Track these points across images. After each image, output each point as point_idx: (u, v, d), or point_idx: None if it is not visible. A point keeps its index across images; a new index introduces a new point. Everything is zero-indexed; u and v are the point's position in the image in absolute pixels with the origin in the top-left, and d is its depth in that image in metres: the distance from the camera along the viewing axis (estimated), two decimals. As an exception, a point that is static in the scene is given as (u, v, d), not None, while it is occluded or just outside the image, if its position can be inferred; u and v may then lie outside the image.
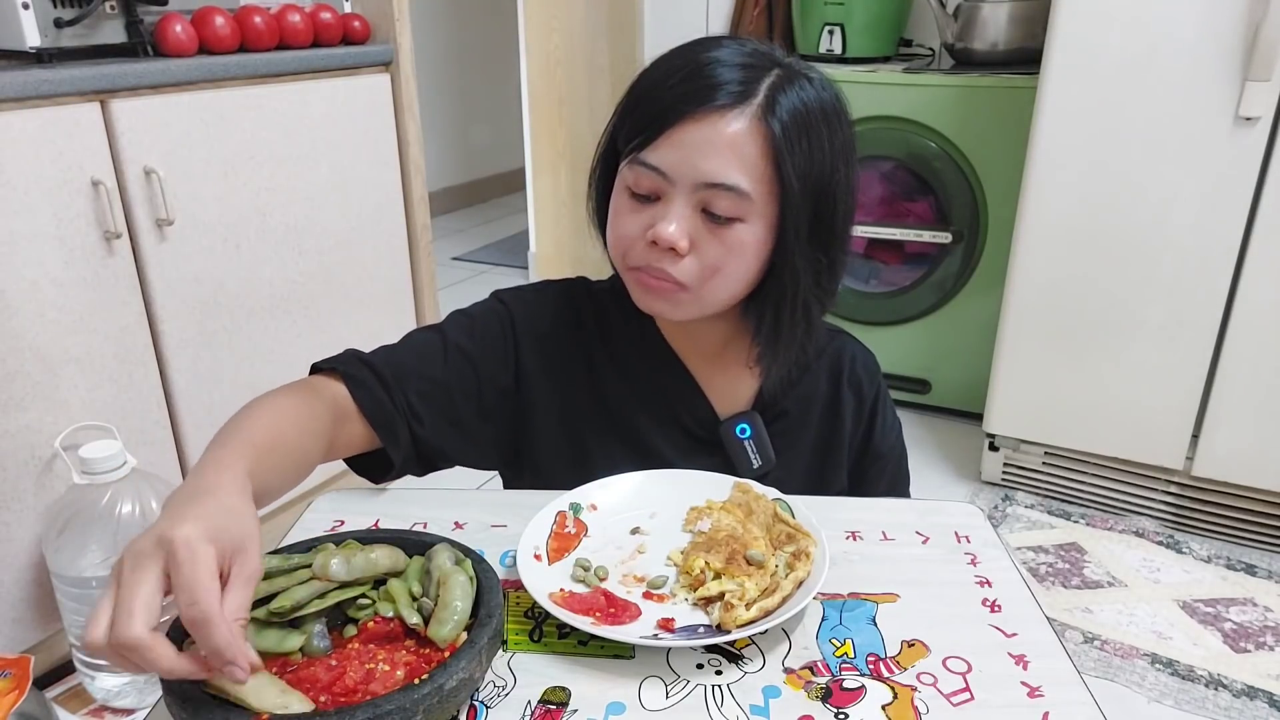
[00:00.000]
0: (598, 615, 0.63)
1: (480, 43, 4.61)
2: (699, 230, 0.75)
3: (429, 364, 0.83)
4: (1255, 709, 1.42)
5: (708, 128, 0.72)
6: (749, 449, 0.87)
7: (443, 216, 4.41)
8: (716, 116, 0.72)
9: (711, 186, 0.73)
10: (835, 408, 0.91)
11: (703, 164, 0.72)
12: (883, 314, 2.38)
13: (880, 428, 0.94)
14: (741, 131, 0.72)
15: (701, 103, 0.72)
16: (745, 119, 0.72)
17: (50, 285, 1.30)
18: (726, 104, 0.72)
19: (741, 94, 0.73)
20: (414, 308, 1.94)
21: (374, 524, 0.78)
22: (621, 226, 0.78)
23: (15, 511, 1.31)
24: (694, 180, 0.73)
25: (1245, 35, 1.56)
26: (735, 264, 0.76)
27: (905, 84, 2.18)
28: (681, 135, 0.73)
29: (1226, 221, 1.66)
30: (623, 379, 0.88)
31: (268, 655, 0.57)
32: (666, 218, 0.74)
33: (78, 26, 1.36)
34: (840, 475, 0.93)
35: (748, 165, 0.73)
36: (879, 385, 0.94)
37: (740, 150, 0.72)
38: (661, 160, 0.73)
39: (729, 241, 0.75)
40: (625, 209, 0.78)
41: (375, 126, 1.76)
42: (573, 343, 0.88)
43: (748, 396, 0.89)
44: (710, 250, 0.75)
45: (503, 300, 0.89)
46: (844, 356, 0.92)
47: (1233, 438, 1.76)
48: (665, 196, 0.75)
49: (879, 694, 0.59)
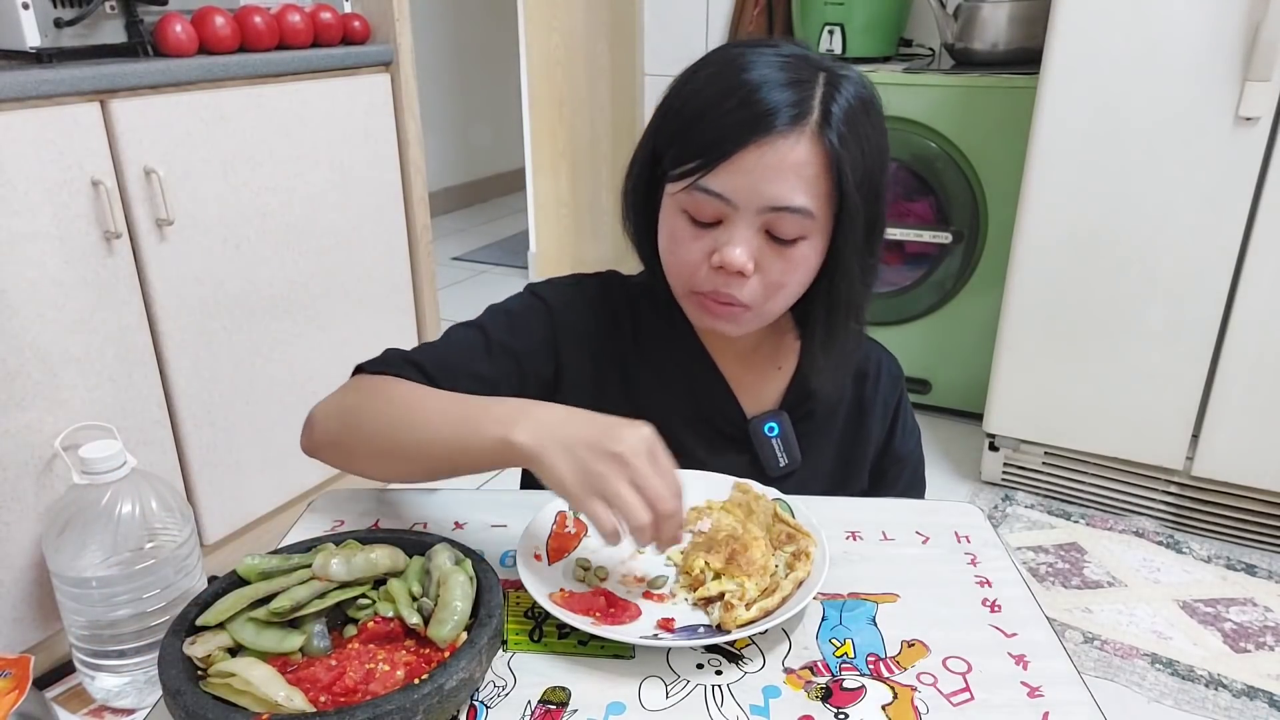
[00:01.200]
0: (598, 615, 0.63)
1: (480, 43, 4.61)
2: (763, 252, 0.75)
3: (474, 360, 0.83)
4: (1255, 709, 1.42)
5: (770, 153, 0.72)
6: (776, 447, 0.88)
7: (443, 216, 4.41)
8: (779, 140, 0.72)
9: (777, 210, 0.73)
10: (860, 410, 0.93)
11: (767, 189, 0.72)
12: (883, 314, 2.38)
13: (901, 432, 0.96)
14: (804, 153, 0.72)
15: (764, 131, 0.72)
16: (805, 139, 0.72)
17: (50, 285, 1.30)
18: (786, 127, 0.72)
19: (798, 115, 0.72)
20: (414, 308, 1.94)
21: (374, 524, 0.78)
22: (684, 253, 0.77)
23: (15, 511, 1.31)
24: (758, 205, 0.73)
25: (1245, 35, 1.56)
26: (796, 280, 0.77)
27: (905, 84, 2.18)
28: (743, 162, 0.72)
29: (1226, 221, 1.66)
30: (654, 376, 0.88)
31: (268, 655, 0.57)
32: (732, 242, 0.74)
33: (78, 26, 1.36)
34: (862, 476, 0.95)
35: (809, 185, 0.73)
36: (901, 390, 0.96)
37: (803, 172, 0.73)
38: (724, 186, 0.73)
39: (793, 259, 0.75)
40: (685, 235, 0.77)
41: (375, 126, 1.76)
42: (609, 339, 0.88)
43: (776, 395, 0.90)
44: (774, 270, 0.76)
45: (540, 295, 0.88)
46: (870, 360, 0.94)
47: (1233, 438, 1.76)
48: (727, 220, 0.75)
49: (879, 694, 0.59)
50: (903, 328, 2.37)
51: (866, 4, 2.34)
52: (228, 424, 1.58)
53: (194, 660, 0.56)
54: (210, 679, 0.54)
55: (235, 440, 1.60)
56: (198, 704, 0.52)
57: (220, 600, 0.60)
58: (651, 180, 0.81)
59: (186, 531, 1.34)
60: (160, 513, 1.31)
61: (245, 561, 0.63)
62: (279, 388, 1.66)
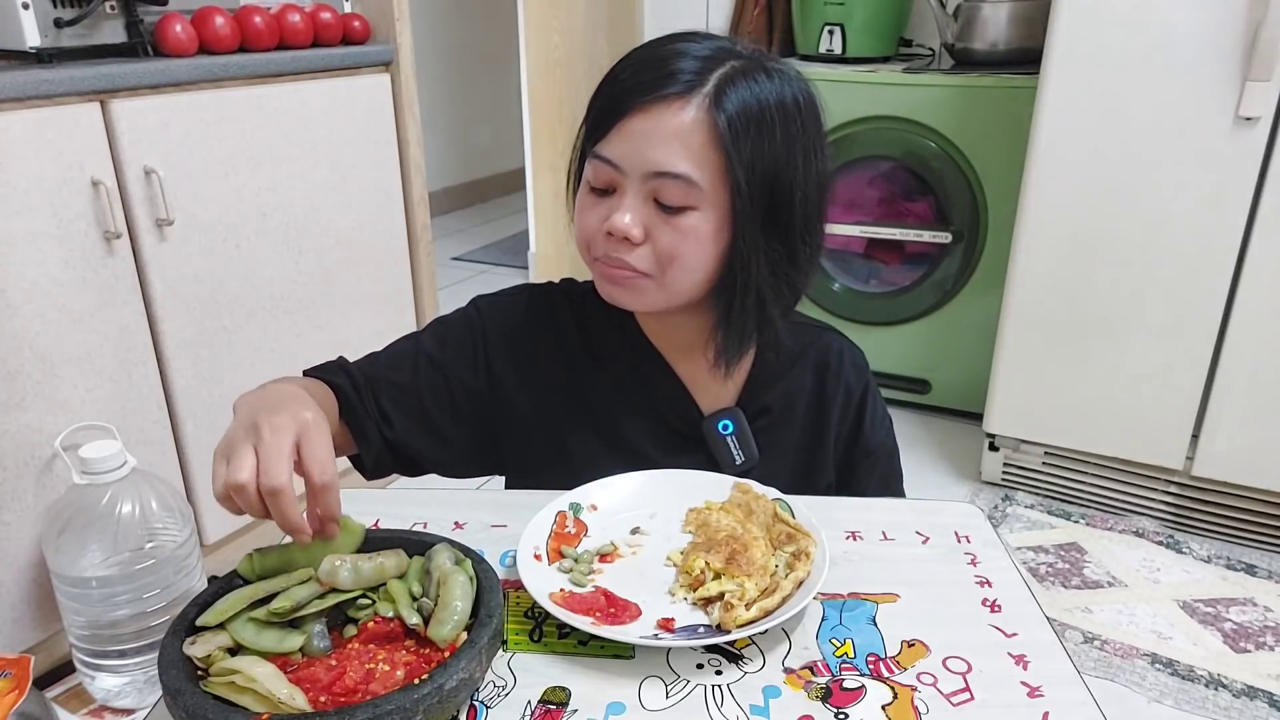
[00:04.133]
0: (598, 615, 0.63)
1: (480, 43, 4.61)
2: (652, 219, 0.76)
3: (399, 370, 0.86)
4: (1255, 709, 1.42)
5: (654, 118, 0.74)
6: (731, 445, 0.88)
7: (443, 216, 4.40)
8: (664, 106, 0.74)
9: (659, 175, 0.74)
10: (821, 404, 0.92)
11: (650, 153, 0.74)
12: (883, 314, 2.38)
13: (869, 423, 0.94)
14: (687, 121, 0.73)
15: (649, 93, 0.74)
16: (692, 109, 0.74)
17: (50, 285, 1.30)
18: (674, 94, 0.74)
19: (690, 85, 0.74)
20: (414, 308, 1.94)
21: (374, 524, 0.78)
22: (582, 221, 0.80)
23: (15, 511, 1.31)
24: (643, 170, 0.74)
25: (1245, 35, 1.56)
26: (691, 252, 0.77)
27: (905, 84, 2.18)
28: (631, 126, 0.74)
29: (1226, 221, 1.66)
30: (604, 376, 0.88)
31: (268, 655, 0.57)
32: (620, 209, 0.76)
33: (78, 26, 1.36)
34: (827, 471, 0.93)
35: (695, 154, 0.74)
36: (867, 380, 0.94)
37: (686, 140, 0.74)
38: (613, 152, 0.75)
39: (682, 229, 0.76)
40: (586, 204, 0.80)
41: (375, 126, 1.76)
42: (546, 343, 0.89)
43: (731, 393, 0.89)
44: (664, 238, 0.76)
45: (477, 306, 0.91)
46: (830, 352, 0.92)
47: (1233, 438, 1.76)
48: (619, 188, 0.77)
49: (879, 694, 0.59)
50: (902, 328, 2.37)
51: (866, 4, 2.34)
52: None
53: (194, 660, 0.56)
54: (212, 678, 0.55)
55: (235, 440, 1.60)
56: (198, 704, 0.52)
57: (220, 600, 0.60)
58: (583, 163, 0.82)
59: (186, 531, 1.34)
60: (160, 513, 1.31)
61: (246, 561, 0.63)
62: (279, 388, 1.66)
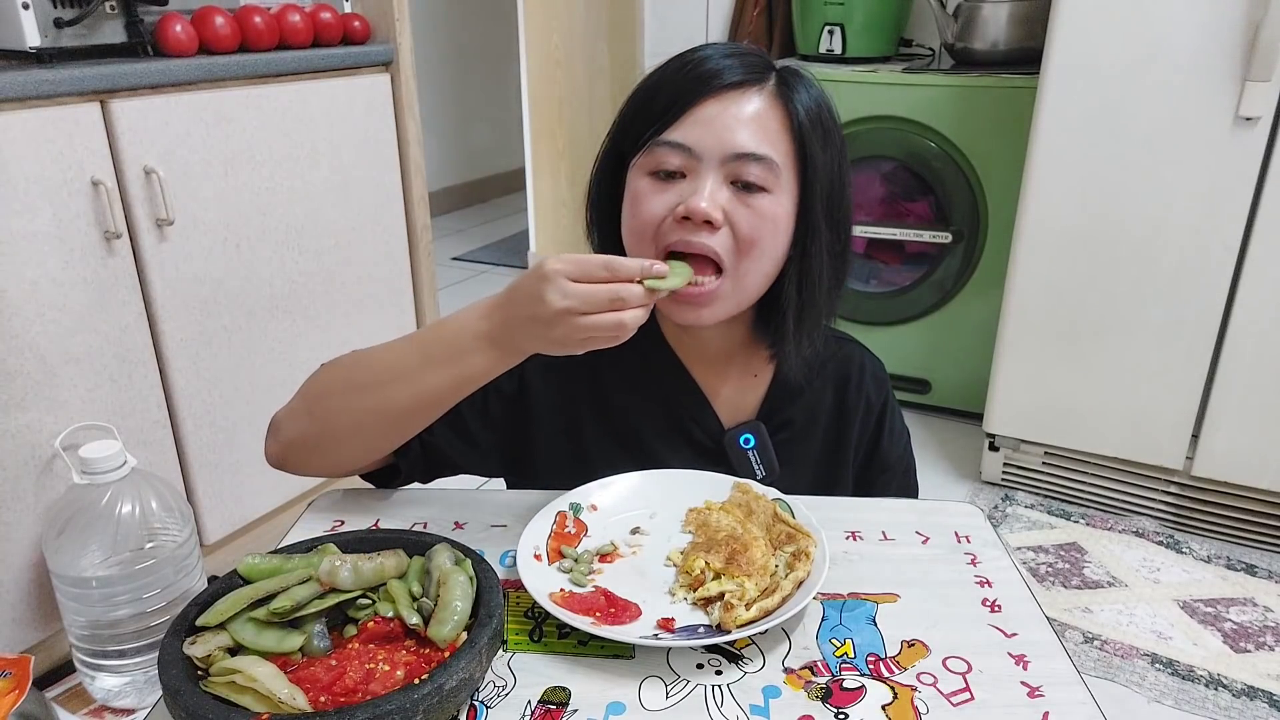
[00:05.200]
0: (598, 615, 0.63)
1: (480, 43, 4.61)
2: (731, 203, 0.75)
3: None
4: (1255, 709, 1.42)
5: (730, 103, 0.75)
6: (753, 459, 0.87)
7: (443, 216, 4.40)
8: (737, 94, 0.75)
9: (741, 157, 0.74)
10: (841, 417, 0.91)
11: (729, 136, 0.74)
12: (883, 314, 2.38)
13: (887, 437, 0.93)
14: (763, 107, 0.75)
15: (719, 82, 0.75)
16: (763, 97, 0.76)
17: (50, 285, 1.30)
18: (744, 82, 0.75)
19: (756, 77, 0.76)
20: (414, 308, 1.94)
21: (374, 524, 0.78)
22: (648, 207, 0.76)
23: (15, 511, 1.31)
24: (723, 153, 0.74)
25: (1245, 35, 1.56)
26: (768, 237, 0.76)
27: (905, 84, 2.18)
28: (704, 112, 0.75)
29: (1226, 221, 1.66)
30: (628, 387, 0.87)
31: (268, 655, 0.57)
32: (699, 192, 0.74)
33: (78, 26, 1.36)
34: (846, 485, 0.92)
35: (772, 138, 0.75)
36: (887, 393, 0.94)
37: (764, 123, 0.75)
38: (686, 136, 0.75)
39: (761, 211, 0.75)
40: (648, 190, 0.76)
41: (375, 126, 1.76)
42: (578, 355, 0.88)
43: (752, 406, 0.89)
44: (744, 221, 0.75)
45: None
46: (852, 364, 0.92)
47: (1233, 438, 1.76)
48: (692, 173, 0.75)
49: (879, 694, 0.59)
50: (903, 328, 2.37)
51: (866, 4, 2.34)
52: (228, 424, 1.58)
53: (194, 660, 0.56)
54: (212, 678, 0.54)
55: (235, 440, 1.60)
56: (198, 704, 0.52)
57: (220, 600, 0.60)
58: (617, 169, 0.81)
59: (186, 531, 1.34)
60: (160, 513, 1.31)
61: (246, 561, 0.63)
62: (279, 388, 1.66)
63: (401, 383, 0.73)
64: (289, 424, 0.79)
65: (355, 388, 0.76)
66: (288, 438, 0.79)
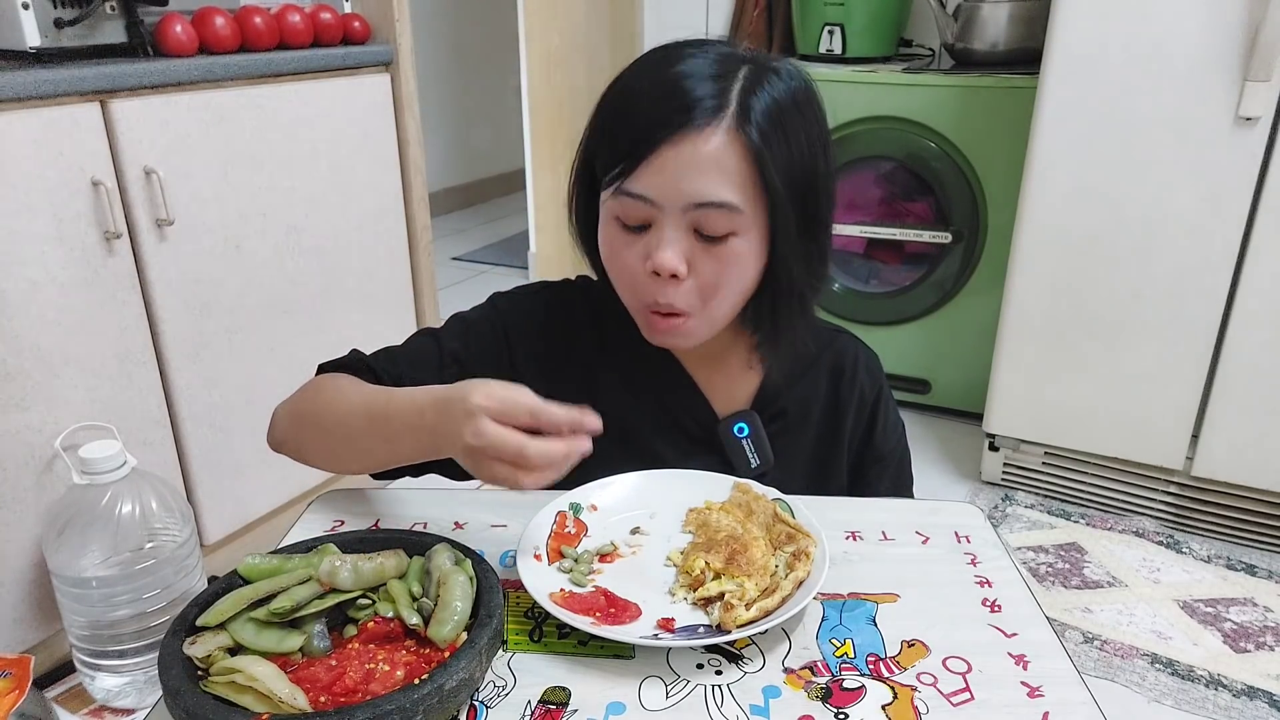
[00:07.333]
0: (598, 615, 0.63)
1: (480, 43, 4.61)
2: (693, 251, 0.74)
3: (423, 369, 0.84)
4: (1255, 709, 1.42)
5: (688, 148, 0.71)
6: (747, 448, 0.87)
7: (443, 216, 4.40)
8: (695, 135, 0.71)
9: (701, 206, 0.72)
10: (836, 408, 0.91)
11: (688, 185, 0.72)
12: (883, 314, 2.38)
13: (881, 428, 0.94)
14: (721, 146, 0.72)
15: (678, 126, 0.71)
16: (722, 132, 0.72)
17: (50, 285, 1.30)
18: (702, 121, 0.72)
19: (715, 107, 0.72)
20: (414, 308, 1.94)
21: (374, 524, 0.78)
22: (621, 262, 0.78)
23: (15, 511, 1.31)
24: (682, 203, 0.73)
25: (1245, 35, 1.56)
26: (733, 279, 0.76)
27: (905, 84, 2.18)
28: (662, 160, 0.72)
29: (1226, 221, 1.66)
30: (619, 380, 0.88)
31: (268, 655, 0.57)
32: (660, 244, 0.74)
33: (78, 26, 1.36)
34: (840, 476, 0.93)
35: (733, 178, 0.72)
36: (881, 385, 0.94)
37: (722, 165, 0.72)
38: (646, 187, 0.73)
39: (725, 258, 0.75)
40: (620, 243, 0.77)
41: (375, 126, 1.76)
42: (566, 345, 0.88)
43: (746, 396, 0.89)
44: (706, 269, 0.75)
45: (497, 305, 0.90)
46: (846, 356, 0.92)
47: (1232, 438, 1.76)
48: (656, 223, 0.74)
49: (879, 694, 0.59)
50: (902, 328, 2.37)
51: (866, 4, 2.34)
52: (228, 424, 1.58)
53: (194, 660, 0.56)
54: (212, 678, 0.54)
55: (235, 440, 1.60)
56: (198, 704, 0.52)
57: (220, 600, 0.60)
58: (590, 187, 0.81)
59: (186, 531, 1.34)
60: (160, 513, 1.31)
61: (246, 561, 0.63)
62: (279, 388, 1.64)
63: (350, 444, 0.76)
64: (281, 425, 0.83)
65: (321, 430, 0.78)
66: (279, 439, 0.83)
